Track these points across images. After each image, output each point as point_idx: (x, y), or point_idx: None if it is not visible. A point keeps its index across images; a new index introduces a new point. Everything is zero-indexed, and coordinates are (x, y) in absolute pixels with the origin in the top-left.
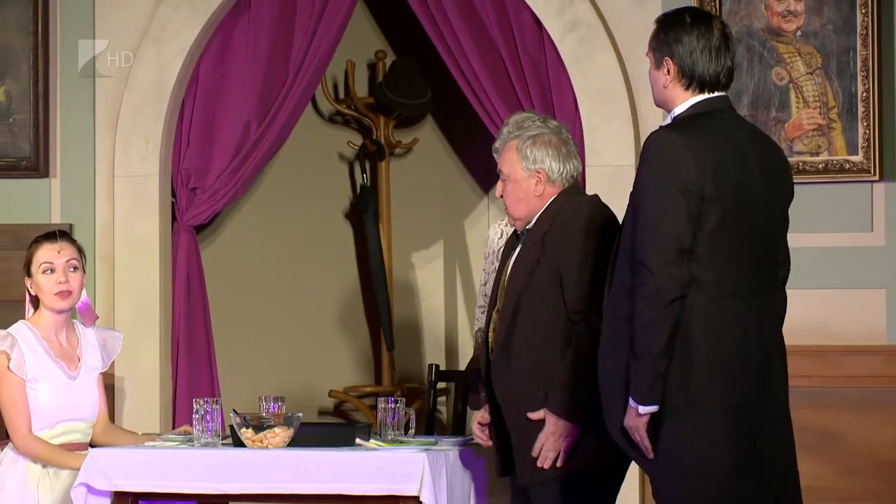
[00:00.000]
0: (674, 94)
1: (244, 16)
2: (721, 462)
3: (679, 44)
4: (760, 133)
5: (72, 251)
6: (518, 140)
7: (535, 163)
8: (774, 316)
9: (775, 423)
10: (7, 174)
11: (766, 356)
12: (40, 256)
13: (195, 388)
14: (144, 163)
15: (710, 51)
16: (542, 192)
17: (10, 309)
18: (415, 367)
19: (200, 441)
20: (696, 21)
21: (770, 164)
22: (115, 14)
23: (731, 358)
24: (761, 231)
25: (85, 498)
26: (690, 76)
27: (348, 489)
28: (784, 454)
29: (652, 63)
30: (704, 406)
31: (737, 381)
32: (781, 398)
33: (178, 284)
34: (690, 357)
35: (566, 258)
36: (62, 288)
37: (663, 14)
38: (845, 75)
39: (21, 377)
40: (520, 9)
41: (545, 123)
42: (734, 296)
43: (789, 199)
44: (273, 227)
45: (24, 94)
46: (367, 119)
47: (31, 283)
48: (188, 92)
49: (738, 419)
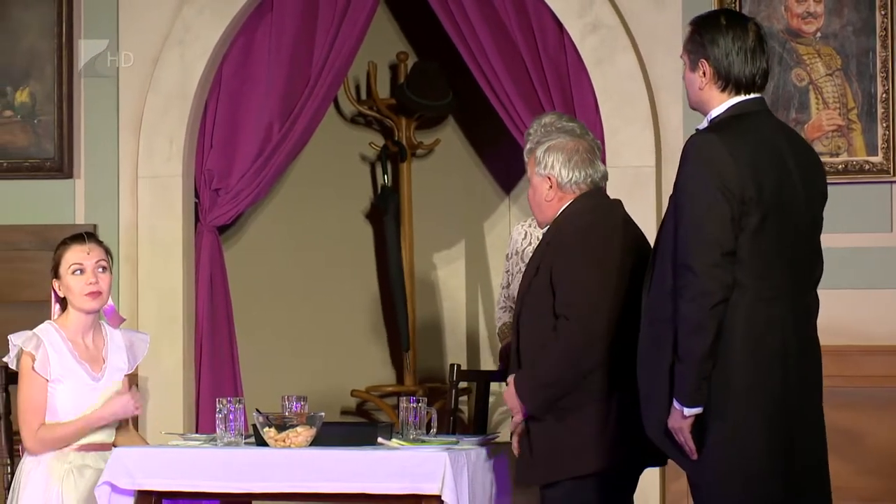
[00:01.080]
0: (710, 96)
1: (266, 18)
2: (760, 463)
3: (715, 46)
4: (795, 134)
5: (100, 252)
6: (538, 146)
7: (545, 168)
8: (811, 316)
9: (811, 424)
10: (32, 175)
11: (804, 357)
12: (69, 258)
13: (218, 387)
14: (168, 164)
15: (746, 52)
16: (552, 197)
17: (36, 309)
18: (436, 366)
19: (223, 440)
20: (732, 23)
21: (806, 165)
22: (138, 17)
23: (770, 360)
24: (798, 232)
25: (109, 497)
26: (726, 78)
27: (370, 488)
28: (818, 455)
29: (687, 65)
30: (745, 407)
31: (777, 383)
32: (817, 399)
33: (201, 284)
34: (731, 359)
35: (557, 265)
36: (92, 288)
37: (698, 16)
38: (865, 77)
39: (44, 378)
40: (541, 10)
41: (563, 129)
42: (774, 297)
43: (824, 199)
44: (295, 227)
45: (48, 96)
46: (389, 120)
47: (60, 285)
48: (211, 94)
49: (776, 421)
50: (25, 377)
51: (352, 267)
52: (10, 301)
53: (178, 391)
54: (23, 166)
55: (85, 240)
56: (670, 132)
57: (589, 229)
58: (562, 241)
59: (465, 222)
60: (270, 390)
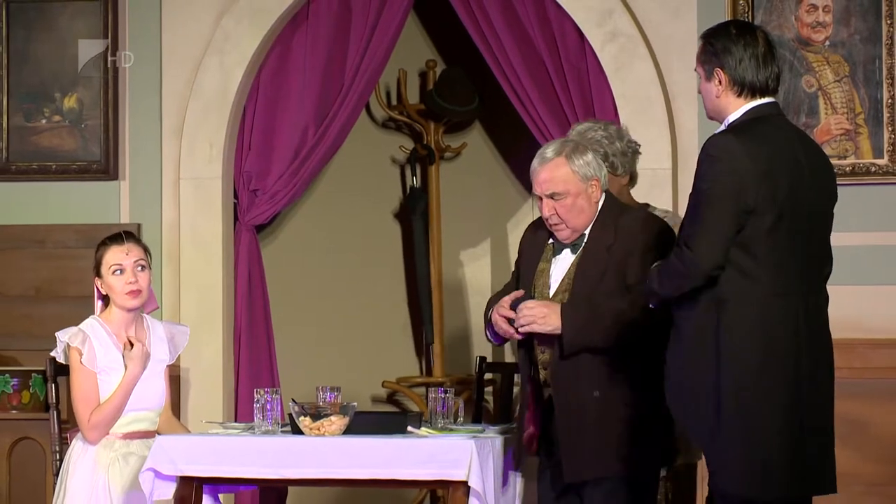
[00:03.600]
0: (727, 103)
1: (302, 28)
2: (771, 451)
3: (728, 54)
4: (808, 137)
5: (139, 251)
6: (564, 157)
7: (594, 169)
8: (822, 311)
9: (821, 415)
10: (79, 177)
11: (815, 351)
12: (109, 259)
13: (256, 378)
14: (208, 166)
15: (758, 58)
16: (598, 197)
17: (82, 304)
18: (463, 358)
19: (261, 429)
20: (741, 31)
21: (818, 166)
22: (181, 26)
23: (782, 353)
24: (811, 230)
25: (152, 482)
26: (741, 83)
27: (400, 474)
28: (826, 445)
29: (702, 76)
30: (758, 398)
31: (789, 376)
32: (827, 391)
33: (239, 281)
34: (744, 352)
35: (632, 268)
36: (132, 287)
37: (708, 29)
38: (871, 83)
39: (92, 370)
40: (563, 20)
41: (559, 143)
42: (787, 293)
43: (834, 199)
44: (329, 226)
45: (94, 102)
46: (418, 125)
47: (102, 283)
48: (249, 99)
49: (788, 412)
50: (76, 371)
51: (382, 264)
52: (59, 296)
53: (218, 382)
54: (71, 169)
55: (123, 240)
56: (686, 136)
57: (657, 235)
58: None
59: (490, 221)
60: (305, 381)
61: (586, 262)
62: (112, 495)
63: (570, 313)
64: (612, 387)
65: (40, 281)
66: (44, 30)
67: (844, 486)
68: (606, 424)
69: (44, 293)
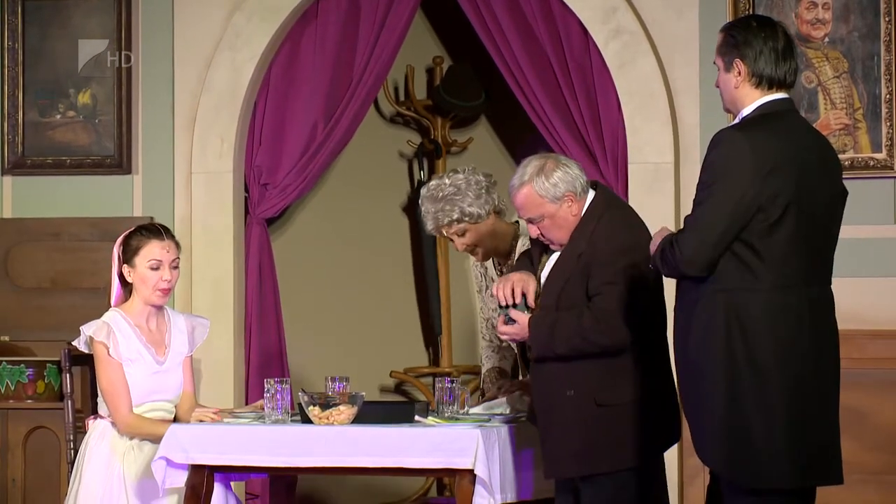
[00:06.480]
0: (744, 94)
1: (312, 25)
2: (776, 442)
3: (748, 46)
4: (818, 133)
5: (177, 251)
6: (529, 185)
7: (565, 185)
8: (828, 305)
9: (826, 406)
10: (93, 171)
11: (820, 344)
12: (149, 252)
13: (266, 368)
14: (220, 160)
15: (777, 52)
16: (578, 209)
17: (96, 295)
18: (470, 349)
19: (271, 418)
20: (762, 25)
21: (827, 162)
22: (192, 23)
23: (787, 345)
24: (817, 225)
25: (164, 470)
26: (760, 76)
27: (407, 463)
28: (832, 436)
29: (721, 68)
30: (763, 390)
31: (793, 368)
32: (832, 382)
33: (250, 273)
34: (749, 344)
35: (594, 278)
36: (165, 286)
37: (728, 22)
38: (870, 79)
39: (119, 361)
40: (567, 17)
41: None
42: (790, 286)
43: (843, 195)
44: (338, 219)
45: (108, 97)
46: (426, 120)
47: (132, 272)
48: (260, 95)
49: (793, 403)
50: (103, 364)
51: (390, 256)
52: (73, 287)
53: (229, 372)
54: (85, 163)
55: (164, 236)
56: (688, 131)
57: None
58: (603, 258)
59: None
60: (315, 371)
61: (556, 270)
62: (126, 483)
63: (534, 328)
64: (584, 385)
65: (55, 273)
66: (58, 27)
67: (845, 474)
68: (581, 422)
69: (59, 285)
